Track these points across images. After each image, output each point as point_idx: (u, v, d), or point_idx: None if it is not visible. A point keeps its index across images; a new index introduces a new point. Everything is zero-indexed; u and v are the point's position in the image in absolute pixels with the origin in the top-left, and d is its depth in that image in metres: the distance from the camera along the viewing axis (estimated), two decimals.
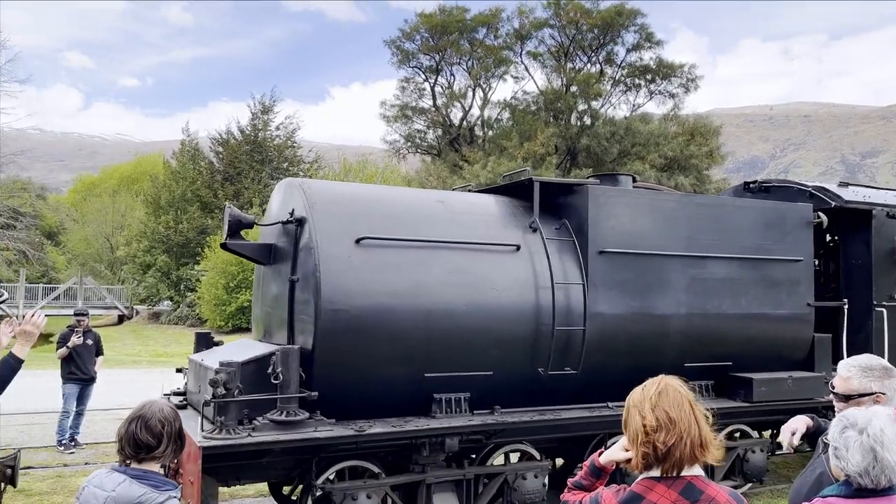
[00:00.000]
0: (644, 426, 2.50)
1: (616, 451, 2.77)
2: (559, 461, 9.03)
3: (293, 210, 6.85)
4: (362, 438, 6.41)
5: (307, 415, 6.33)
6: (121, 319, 43.59)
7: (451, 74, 46.67)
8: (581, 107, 45.53)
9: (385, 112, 45.81)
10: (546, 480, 7.54)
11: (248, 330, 24.85)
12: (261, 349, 6.77)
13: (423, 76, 46.40)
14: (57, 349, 11.23)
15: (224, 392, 5.99)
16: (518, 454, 7.69)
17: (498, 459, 7.56)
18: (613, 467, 2.92)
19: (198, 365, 7.12)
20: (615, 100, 46.78)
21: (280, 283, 7.02)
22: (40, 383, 15.50)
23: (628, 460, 2.64)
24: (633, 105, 47.21)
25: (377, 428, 6.50)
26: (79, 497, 2.94)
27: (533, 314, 7.28)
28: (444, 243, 7.01)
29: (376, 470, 6.76)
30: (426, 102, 46.78)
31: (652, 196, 8.29)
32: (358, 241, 6.61)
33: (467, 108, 46.85)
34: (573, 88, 45.12)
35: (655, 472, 2.53)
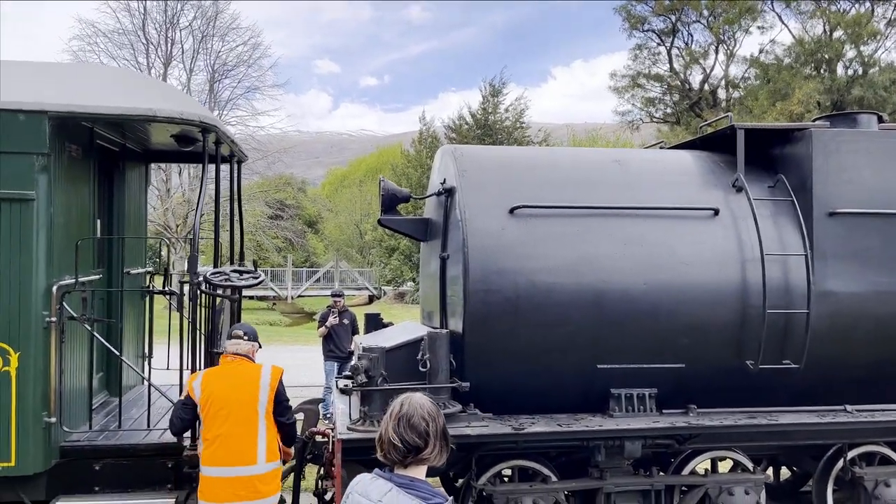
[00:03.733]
0: None
1: None
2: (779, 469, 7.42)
3: (445, 179, 6.20)
4: (521, 438, 5.59)
5: (459, 407, 5.67)
6: (371, 300, 46.80)
7: (689, 34, 42.97)
8: (850, 54, 39.39)
9: (616, 83, 43.52)
10: (762, 497, 6.09)
11: None
12: (418, 333, 6.24)
13: (658, 39, 43.30)
14: (317, 328, 11.83)
15: (366, 380, 5.53)
16: (728, 461, 6.33)
17: (703, 465, 6.29)
18: None
19: (359, 348, 6.80)
20: (891, 43, 39.77)
21: (435, 260, 6.42)
22: (306, 359, 16.47)
23: None
24: None
25: (539, 426, 5.65)
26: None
27: (737, 294, 5.90)
28: (617, 210, 5.89)
29: (546, 472, 5.90)
30: (661, 68, 43.58)
31: None
32: (512, 210, 5.76)
33: (708, 70, 42.89)
34: (838, 34, 39.16)
35: None
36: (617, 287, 5.76)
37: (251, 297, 42.66)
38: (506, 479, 6.02)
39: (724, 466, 6.44)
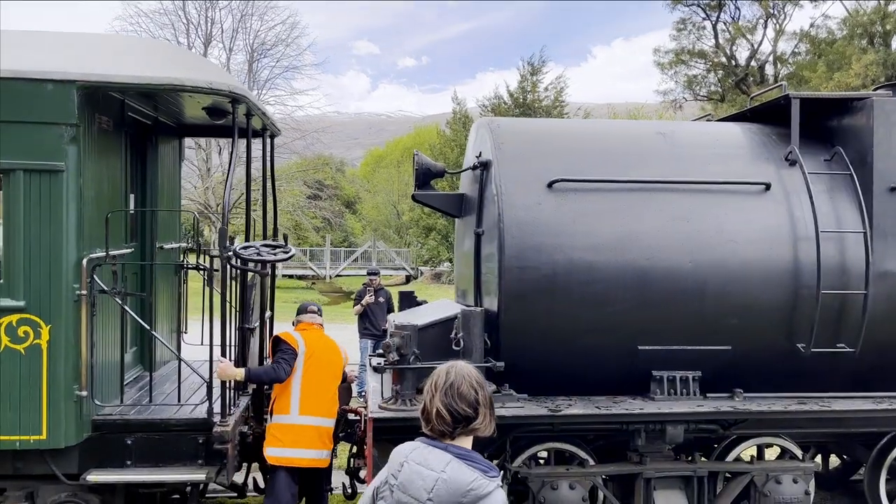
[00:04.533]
0: None
1: None
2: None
3: (480, 153, 5.98)
4: (558, 420, 5.40)
5: (494, 387, 5.49)
6: (408, 279, 46.84)
7: (736, 8, 41.67)
8: None
9: (659, 59, 42.48)
10: (811, 486, 5.82)
11: None
12: (452, 311, 6.06)
13: (704, 13, 42.07)
14: (353, 306, 11.80)
15: (398, 358, 5.39)
16: (774, 448, 6.06)
17: (749, 452, 6.04)
18: None
19: (392, 325, 6.66)
20: None
21: (470, 237, 6.23)
22: (342, 337, 16.55)
23: None
24: None
25: (577, 409, 5.45)
26: (396, 475, 2.43)
27: (788, 273, 5.60)
28: (661, 184, 5.62)
29: (583, 455, 5.71)
30: (706, 43, 42.42)
31: None
32: (550, 184, 5.53)
33: (756, 45, 41.56)
34: (893, 7, 37.56)
35: None
36: (661, 265, 5.50)
37: (290, 276, 43.08)
38: (541, 461, 5.86)
39: (770, 453, 6.18)
